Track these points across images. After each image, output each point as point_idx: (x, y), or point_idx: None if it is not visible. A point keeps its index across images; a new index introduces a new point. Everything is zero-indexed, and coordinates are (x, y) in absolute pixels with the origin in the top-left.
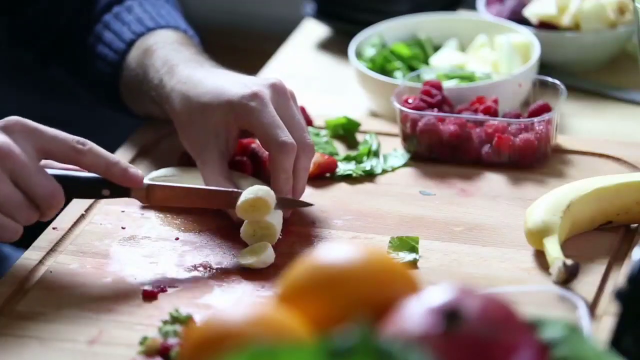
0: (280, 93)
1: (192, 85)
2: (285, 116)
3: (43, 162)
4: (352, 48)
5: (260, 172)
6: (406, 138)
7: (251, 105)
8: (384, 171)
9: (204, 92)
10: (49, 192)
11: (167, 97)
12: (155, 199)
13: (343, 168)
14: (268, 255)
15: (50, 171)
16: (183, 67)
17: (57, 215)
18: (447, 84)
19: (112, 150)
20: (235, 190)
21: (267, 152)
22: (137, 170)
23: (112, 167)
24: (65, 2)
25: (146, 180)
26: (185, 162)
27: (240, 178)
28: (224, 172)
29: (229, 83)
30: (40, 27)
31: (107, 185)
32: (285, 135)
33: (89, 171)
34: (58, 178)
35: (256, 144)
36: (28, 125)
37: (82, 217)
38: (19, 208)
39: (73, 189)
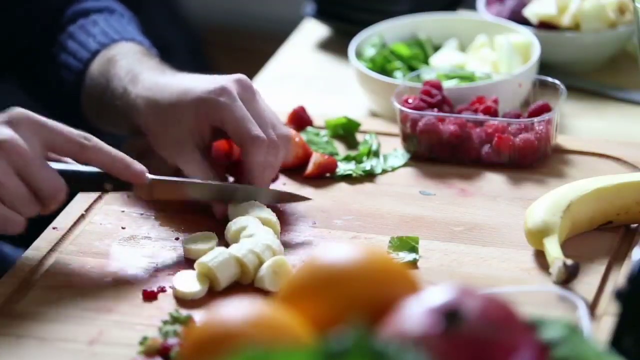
0: (245, 88)
1: (157, 90)
2: (251, 111)
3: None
4: (352, 48)
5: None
6: (406, 138)
7: (220, 100)
8: (384, 171)
9: (170, 94)
10: (52, 187)
11: (132, 105)
12: (158, 194)
13: (343, 168)
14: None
15: (53, 165)
16: (146, 75)
17: (58, 211)
18: (447, 84)
19: None
20: (233, 184)
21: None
22: (140, 165)
23: (116, 162)
24: (30, 14)
25: (149, 176)
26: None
27: None
28: (208, 168)
29: (194, 82)
30: (3, 38)
31: (110, 180)
32: (257, 130)
33: (93, 166)
34: (61, 172)
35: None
36: (34, 119)
37: (82, 217)
38: (23, 202)
39: (76, 183)
